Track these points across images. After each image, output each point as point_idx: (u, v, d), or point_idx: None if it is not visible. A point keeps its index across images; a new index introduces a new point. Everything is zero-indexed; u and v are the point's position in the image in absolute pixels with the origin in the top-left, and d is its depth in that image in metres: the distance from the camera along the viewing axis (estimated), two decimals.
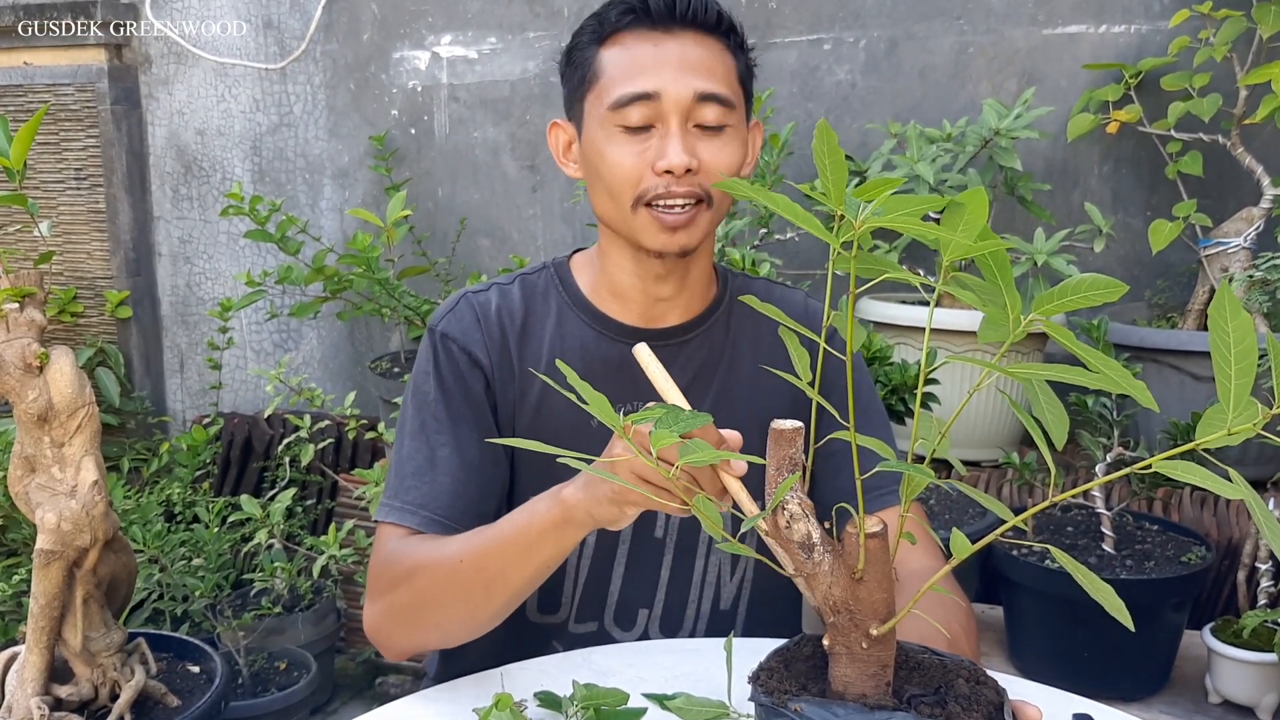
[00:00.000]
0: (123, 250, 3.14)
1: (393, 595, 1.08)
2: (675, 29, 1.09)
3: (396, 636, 1.11)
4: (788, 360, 1.18)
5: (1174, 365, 2.09)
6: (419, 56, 2.93)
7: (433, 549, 1.06)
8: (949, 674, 0.76)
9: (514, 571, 1.00)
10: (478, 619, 1.05)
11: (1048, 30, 2.46)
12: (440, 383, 1.16)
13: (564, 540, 0.97)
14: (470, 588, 1.01)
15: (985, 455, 2.27)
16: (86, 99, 3.07)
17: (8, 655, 1.31)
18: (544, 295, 1.21)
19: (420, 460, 1.14)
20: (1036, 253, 2.05)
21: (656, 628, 1.23)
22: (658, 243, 1.10)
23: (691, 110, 1.07)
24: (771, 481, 0.72)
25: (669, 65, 1.07)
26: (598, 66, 1.11)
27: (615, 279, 1.18)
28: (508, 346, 1.17)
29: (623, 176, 1.08)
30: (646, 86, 1.07)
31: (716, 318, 1.22)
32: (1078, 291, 0.62)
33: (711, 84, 1.08)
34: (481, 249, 2.96)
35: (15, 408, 1.21)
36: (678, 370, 1.17)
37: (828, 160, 0.61)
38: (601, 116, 1.09)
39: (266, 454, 2.93)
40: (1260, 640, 1.63)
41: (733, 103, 1.10)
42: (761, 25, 2.64)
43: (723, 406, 1.19)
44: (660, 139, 1.07)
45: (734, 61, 1.12)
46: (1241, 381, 0.55)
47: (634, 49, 1.09)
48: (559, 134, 1.19)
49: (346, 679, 2.50)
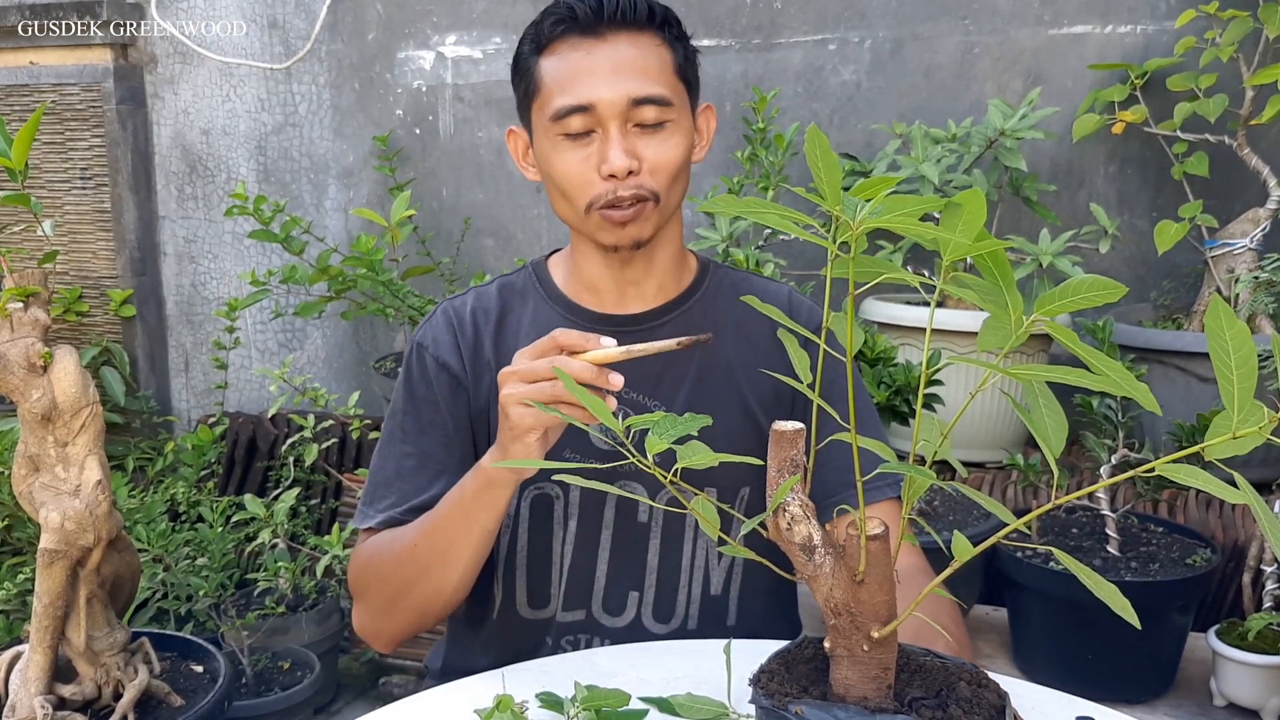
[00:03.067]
0: (128, 250, 3.15)
1: (367, 595, 1.17)
2: (606, 32, 1.11)
3: (381, 627, 1.18)
4: (770, 350, 1.21)
5: (1179, 367, 2.08)
6: (424, 56, 2.93)
7: (391, 541, 1.15)
8: (950, 677, 0.76)
9: (460, 541, 1.08)
10: (444, 591, 1.12)
11: (1053, 30, 2.46)
12: (410, 393, 1.22)
13: (495, 501, 1.06)
14: (428, 565, 1.10)
15: (989, 456, 2.27)
16: (92, 99, 3.08)
17: (11, 654, 1.32)
18: (521, 293, 1.26)
19: (389, 470, 1.21)
20: (1041, 253, 2.04)
21: (649, 614, 1.23)
22: (611, 239, 1.15)
23: (628, 113, 1.11)
24: (772, 483, 0.72)
25: (601, 73, 1.10)
26: (538, 77, 1.14)
27: (586, 271, 1.22)
28: (481, 342, 1.22)
29: (572, 184, 1.13)
30: (581, 98, 1.10)
31: (693, 303, 1.24)
32: (1079, 292, 0.61)
33: (645, 86, 1.11)
34: (486, 249, 2.96)
35: (19, 407, 1.21)
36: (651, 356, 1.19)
37: (821, 163, 0.60)
38: (545, 126, 1.14)
39: (271, 453, 2.93)
40: (1265, 643, 1.63)
41: (669, 100, 1.12)
42: (766, 25, 2.64)
43: (700, 390, 1.21)
44: (601, 143, 1.11)
45: (670, 54, 1.14)
46: (1244, 386, 0.55)
47: (568, 58, 1.12)
48: (516, 140, 1.24)
49: (350, 679, 2.51)
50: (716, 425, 1.15)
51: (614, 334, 1.19)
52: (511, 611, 1.24)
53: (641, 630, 1.22)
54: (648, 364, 1.20)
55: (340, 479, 2.72)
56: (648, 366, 1.20)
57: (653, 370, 1.20)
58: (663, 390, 1.20)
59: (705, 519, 0.75)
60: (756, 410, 1.22)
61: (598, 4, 1.10)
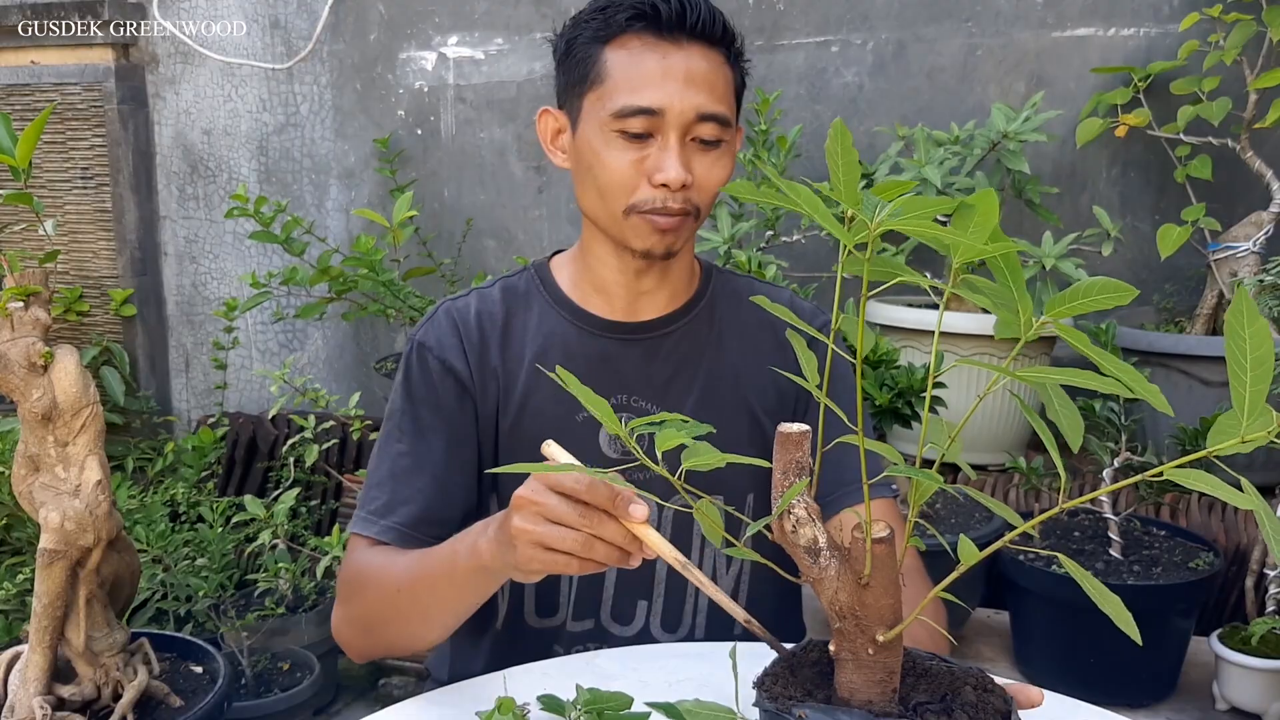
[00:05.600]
0: (129, 250, 3.14)
1: (349, 606, 1.14)
2: (683, 40, 1.08)
3: (353, 642, 1.16)
4: (772, 352, 1.21)
5: (1182, 370, 2.08)
6: (425, 57, 2.93)
7: (380, 569, 1.10)
8: (956, 681, 0.75)
9: (445, 606, 1.04)
10: (420, 638, 1.10)
11: (1056, 33, 2.45)
12: (409, 394, 1.18)
13: (487, 586, 1.01)
14: (408, 615, 1.06)
15: (991, 459, 2.26)
16: (93, 98, 3.08)
17: (10, 655, 1.31)
18: (525, 296, 1.22)
19: (383, 472, 1.17)
20: (1045, 256, 2.04)
21: (658, 623, 1.23)
22: (646, 243, 1.12)
23: (691, 127, 1.08)
24: (778, 486, 0.71)
25: (675, 80, 1.07)
26: (602, 67, 1.10)
27: (598, 273, 1.19)
28: (488, 349, 1.18)
29: (618, 182, 1.09)
30: (651, 102, 1.07)
31: (699, 310, 1.23)
32: (1089, 295, 0.61)
33: (713, 103, 1.09)
34: (487, 250, 2.96)
35: (19, 407, 1.21)
36: (660, 362, 1.19)
37: (840, 160, 0.60)
38: (602, 120, 1.09)
39: (271, 454, 2.93)
40: (1268, 647, 1.62)
41: (730, 121, 1.11)
42: (769, 27, 2.64)
43: (708, 396, 1.20)
44: (659, 150, 1.08)
45: (731, 74, 1.13)
46: (1256, 388, 0.54)
47: (640, 57, 1.08)
48: (549, 121, 1.18)
49: (350, 680, 2.50)
50: (724, 432, 1.12)
51: (622, 340, 1.19)
52: (519, 620, 1.22)
53: (650, 639, 1.22)
54: (657, 370, 1.19)
55: (340, 480, 2.72)
56: (656, 373, 1.19)
57: (660, 378, 1.19)
58: (670, 399, 1.19)
59: (710, 521, 0.75)
60: (761, 416, 1.21)
61: (681, 9, 1.07)
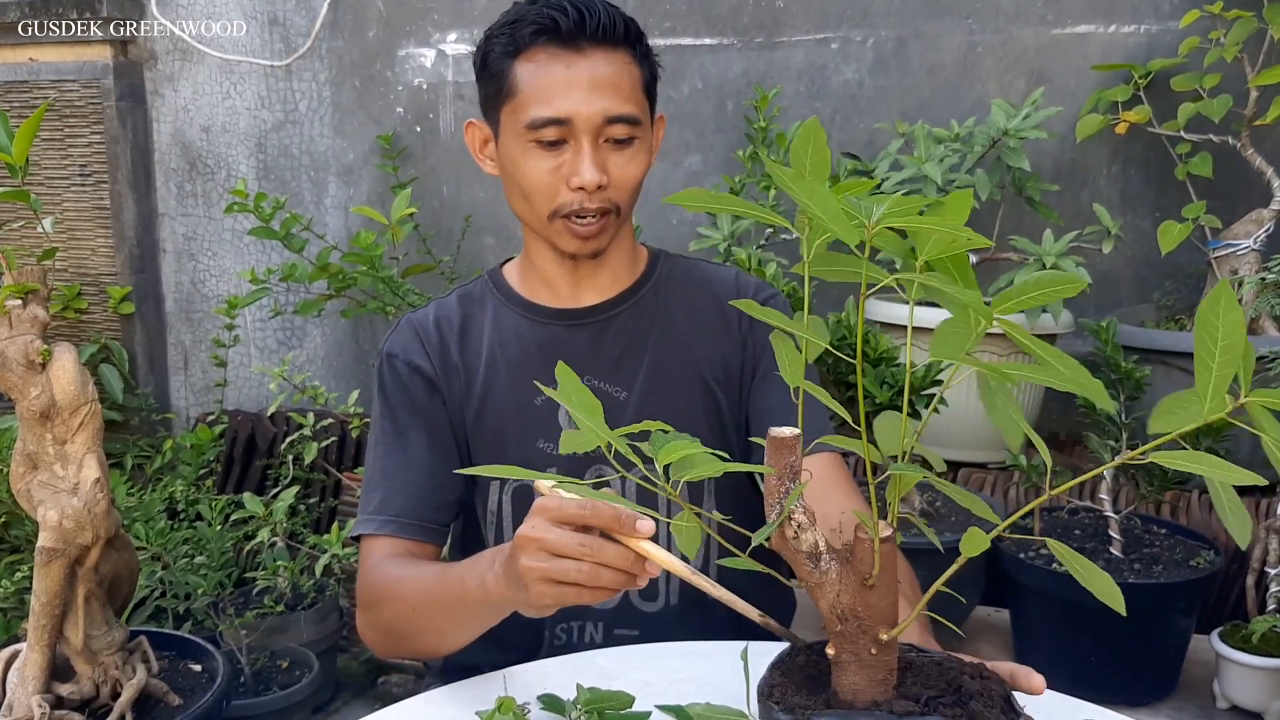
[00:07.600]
0: (127, 247, 3.14)
1: (369, 614, 1.18)
2: (586, 47, 1.14)
3: (377, 645, 1.21)
4: (718, 325, 1.27)
5: (1182, 367, 2.08)
6: (424, 54, 2.93)
7: (396, 585, 1.14)
8: (950, 672, 0.75)
9: (459, 627, 1.09)
10: (443, 649, 1.14)
11: (1057, 30, 2.45)
12: (385, 400, 1.27)
13: (494, 615, 1.04)
14: (424, 631, 1.12)
15: (991, 457, 2.26)
16: (92, 95, 3.07)
17: (9, 653, 1.31)
18: (480, 299, 1.31)
19: (375, 474, 1.25)
20: (1045, 254, 2.04)
21: (636, 595, 1.25)
22: (571, 247, 1.20)
23: (602, 129, 1.15)
24: (773, 491, 0.70)
25: (580, 88, 1.13)
26: (513, 81, 1.16)
27: (540, 267, 1.27)
28: (448, 348, 1.27)
29: (539, 189, 1.17)
30: (560, 111, 1.13)
31: (645, 292, 1.29)
32: (1037, 288, 0.62)
33: (620, 104, 1.15)
34: (486, 247, 2.96)
35: (17, 404, 1.20)
36: (609, 343, 1.26)
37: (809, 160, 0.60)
38: (518, 131, 1.16)
39: (270, 452, 2.92)
40: (1269, 645, 1.62)
41: (639, 118, 1.17)
42: (769, 24, 2.63)
43: (659, 369, 1.26)
44: (573, 156, 1.15)
45: (640, 72, 1.19)
46: (1222, 374, 0.56)
47: (546, 69, 1.14)
48: (475, 132, 1.26)
49: (349, 678, 2.50)
50: (677, 400, 1.24)
51: (570, 326, 1.26)
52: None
53: (631, 609, 1.25)
54: (606, 350, 1.25)
55: (340, 477, 2.71)
56: (606, 353, 1.25)
57: (610, 357, 1.25)
58: (622, 375, 1.25)
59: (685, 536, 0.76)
60: (713, 384, 1.27)
61: (579, 18, 1.13)
